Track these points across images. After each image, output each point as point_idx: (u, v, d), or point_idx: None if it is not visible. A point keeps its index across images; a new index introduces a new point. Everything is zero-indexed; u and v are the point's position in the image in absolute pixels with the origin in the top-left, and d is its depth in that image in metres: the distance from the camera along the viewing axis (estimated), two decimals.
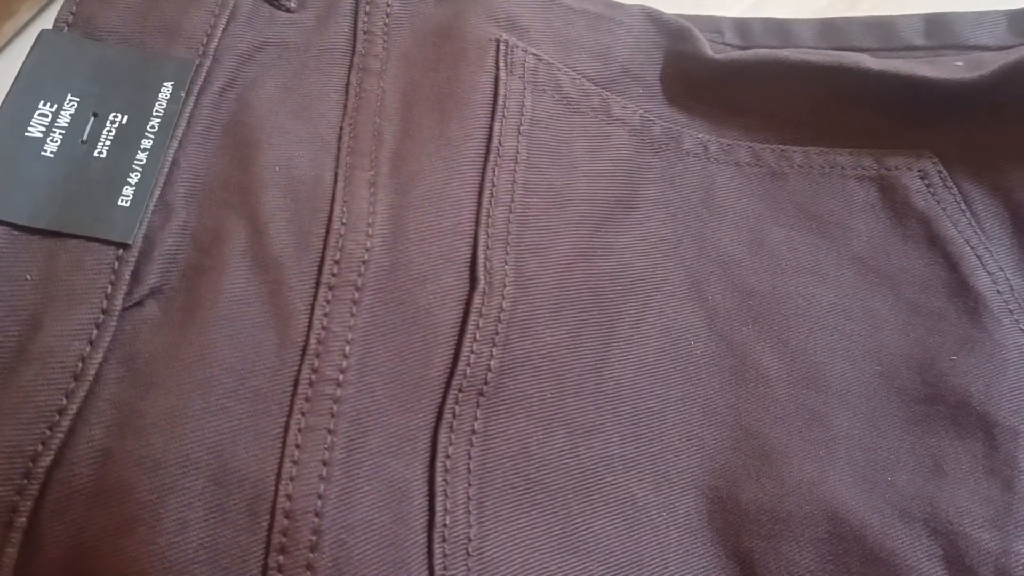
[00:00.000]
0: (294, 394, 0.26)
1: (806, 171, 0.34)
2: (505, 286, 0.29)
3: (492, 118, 0.32)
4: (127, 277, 0.27)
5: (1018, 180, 0.33)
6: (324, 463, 0.25)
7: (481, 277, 0.29)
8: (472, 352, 0.28)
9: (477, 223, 0.30)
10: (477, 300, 0.29)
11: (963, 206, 0.33)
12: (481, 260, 0.29)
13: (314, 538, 0.24)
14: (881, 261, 0.32)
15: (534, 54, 0.34)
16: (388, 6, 0.34)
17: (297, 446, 0.25)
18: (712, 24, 0.37)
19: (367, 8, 0.33)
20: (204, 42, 0.31)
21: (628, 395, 0.30)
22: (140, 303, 0.27)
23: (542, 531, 0.27)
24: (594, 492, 0.28)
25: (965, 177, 0.34)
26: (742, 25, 0.37)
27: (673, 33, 0.36)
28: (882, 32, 0.36)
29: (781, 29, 0.37)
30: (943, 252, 0.32)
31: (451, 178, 0.31)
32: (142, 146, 0.29)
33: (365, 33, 0.33)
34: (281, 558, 0.24)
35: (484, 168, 0.31)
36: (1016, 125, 0.34)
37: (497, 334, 0.29)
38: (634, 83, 0.35)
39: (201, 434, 0.25)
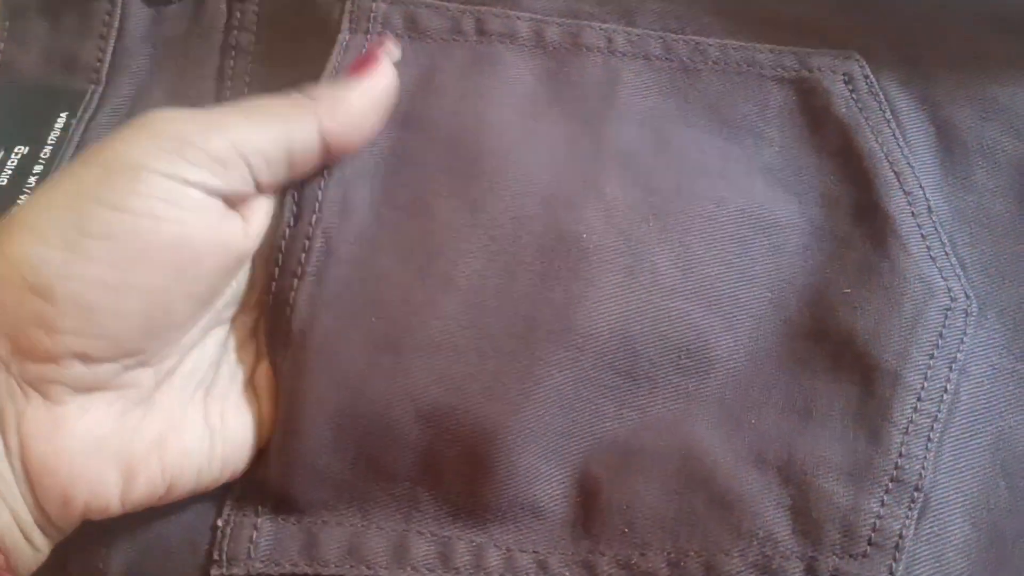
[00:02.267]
0: None
1: (721, 68, 0.31)
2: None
3: None
4: None
5: (947, 95, 0.30)
6: None
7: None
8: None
9: None
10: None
11: (888, 115, 0.30)
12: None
13: None
14: (791, 174, 0.30)
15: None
16: None
17: None
18: None
19: None
20: (97, 68, 0.33)
21: (497, 304, 0.27)
22: None
23: None
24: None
25: (893, 84, 0.30)
26: None
27: None
28: None
29: None
30: (858, 168, 0.29)
31: None
32: (34, 171, 0.32)
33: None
34: None
35: None
36: (949, 32, 0.30)
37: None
38: None
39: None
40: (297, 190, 0.28)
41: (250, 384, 0.28)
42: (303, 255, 0.27)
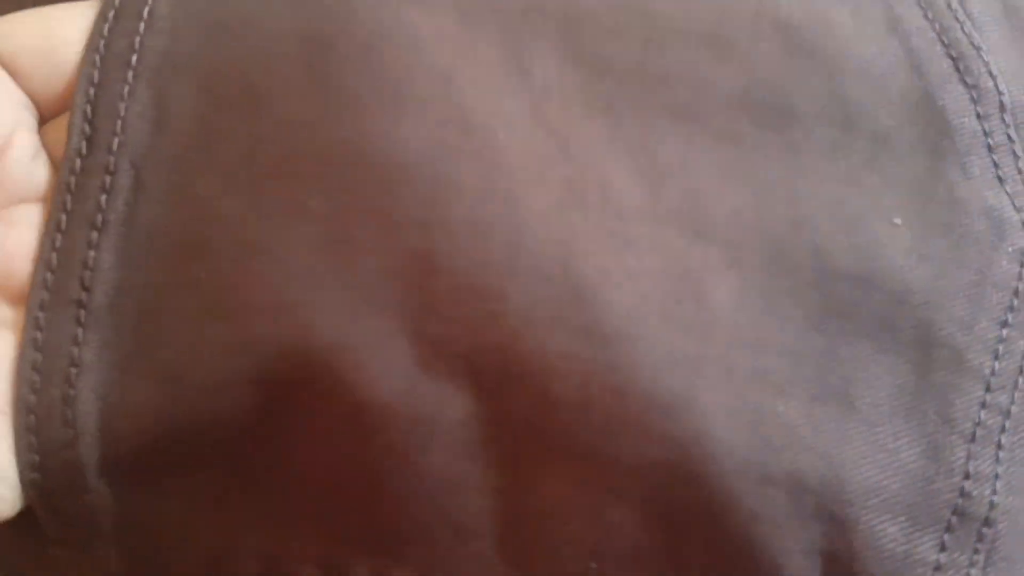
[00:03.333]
0: None
1: None
2: None
3: None
4: None
5: None
6: None
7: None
8: None
9: None
10: None
11: None
12: None
13: None
14: (818, 32, 0.20)
15: None
16: None
17: None
18: None
19: None
20: None
21: (372, 237, 0.19)
22: None
23: None
24: None
25: None
26: None
27: None
28: None
29: None
30: (906, 46, 0.21)
31: None
32: None
33: None
34: None
35: None
36: None
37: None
38: None
39: None
40: (91, 102, 0.20)
41: None
42: (103, 196, 0.20)
